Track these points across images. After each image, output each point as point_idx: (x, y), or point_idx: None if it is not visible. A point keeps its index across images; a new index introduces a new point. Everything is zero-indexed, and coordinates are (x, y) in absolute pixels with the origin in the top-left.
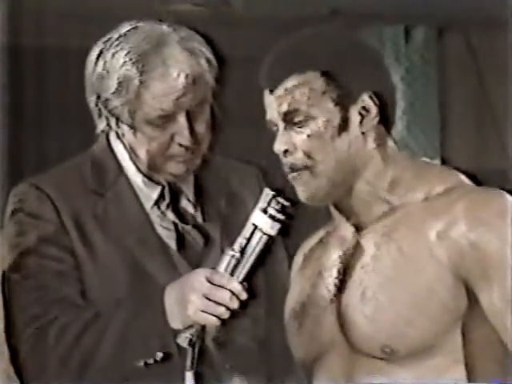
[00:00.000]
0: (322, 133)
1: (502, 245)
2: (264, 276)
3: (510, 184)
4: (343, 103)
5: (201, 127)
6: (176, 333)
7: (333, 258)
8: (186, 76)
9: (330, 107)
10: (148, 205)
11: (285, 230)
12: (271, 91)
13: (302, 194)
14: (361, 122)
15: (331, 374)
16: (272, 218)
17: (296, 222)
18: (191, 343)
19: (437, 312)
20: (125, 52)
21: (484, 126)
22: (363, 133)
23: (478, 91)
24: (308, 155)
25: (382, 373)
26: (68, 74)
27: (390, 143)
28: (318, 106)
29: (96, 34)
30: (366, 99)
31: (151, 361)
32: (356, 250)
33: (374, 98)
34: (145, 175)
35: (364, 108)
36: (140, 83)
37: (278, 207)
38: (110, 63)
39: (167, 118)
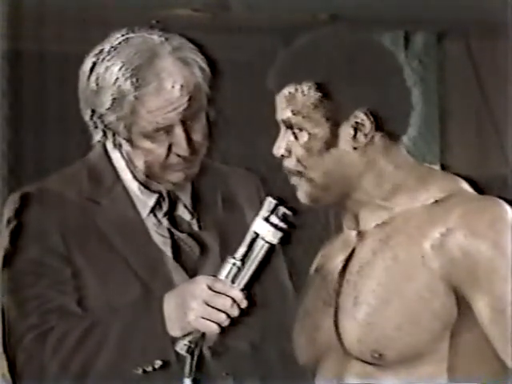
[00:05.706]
0: (310, 145)
1: (495, 254)
2: (261, 284)
3: (510, 191)
4: (335, 118)
5: (198, 136)
6: (175, 340)
7: (335, 262)
8: (181, 87)
9: (321, 121)
10: (144, 212)
11: (286, 239)
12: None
13: (300, 196)
14: (354, 137)
15: (326, 378)
16: (274, 226)
17: (296, 230)
18: (190, 350)
19: (426, 320)
20: (118, 67)
21: (484, 132)
22: (355, 148)
23: (478, 97)
24: (300, 162)
25: (372, 378)
26: (68, 81)
27: (396, 151)
28: (309, 119)
29: (96, 40)
30: (359, 115)
31: (150, 368)
32: (355, 254)
33: (369, 115)
34: (141, 183)
35: (357, 123)
36: (135, 99)
37: (280, 216)
38: (103, 78)
39: (164, 130)
